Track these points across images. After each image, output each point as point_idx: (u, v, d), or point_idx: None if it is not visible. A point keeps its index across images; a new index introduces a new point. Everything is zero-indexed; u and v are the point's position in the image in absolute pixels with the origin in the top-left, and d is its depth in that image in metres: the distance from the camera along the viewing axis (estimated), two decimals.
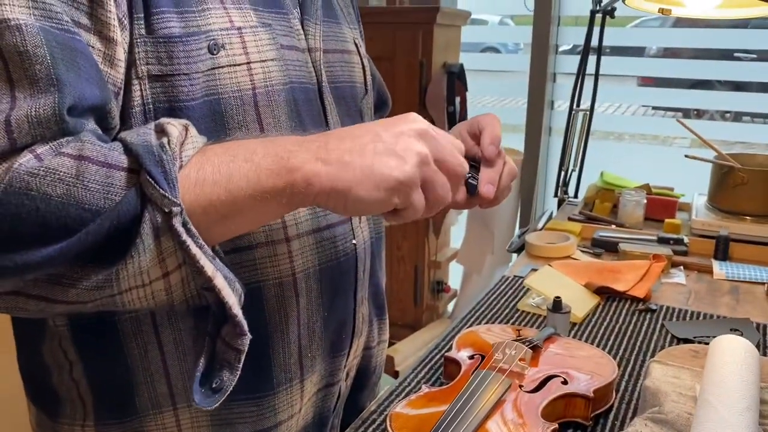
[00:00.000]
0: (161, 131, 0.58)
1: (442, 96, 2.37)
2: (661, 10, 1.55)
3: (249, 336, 0.58)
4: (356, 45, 0.91)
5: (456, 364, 0.92)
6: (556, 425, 0.78)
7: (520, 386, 0.85)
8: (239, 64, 0.70)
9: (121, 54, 0.62)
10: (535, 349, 0.94)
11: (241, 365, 0.58)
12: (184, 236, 0.54)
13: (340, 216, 0.81)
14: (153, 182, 0.53)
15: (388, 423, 0.77)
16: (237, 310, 0.57)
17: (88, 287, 0.54)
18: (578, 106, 1.98)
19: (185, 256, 0.55)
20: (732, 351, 0.87)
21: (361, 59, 0.92)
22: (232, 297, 0.57)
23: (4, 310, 0.57)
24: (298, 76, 0.77)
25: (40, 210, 0.51)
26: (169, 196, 0.53)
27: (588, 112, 1.97)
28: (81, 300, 0.55)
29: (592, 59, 1.98)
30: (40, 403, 0.78)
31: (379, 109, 1.12)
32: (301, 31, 0.79)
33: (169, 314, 0.71)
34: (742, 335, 0.98)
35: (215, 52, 0.67)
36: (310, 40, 0.80)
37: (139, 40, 0.63)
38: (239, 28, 0.70)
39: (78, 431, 0.75)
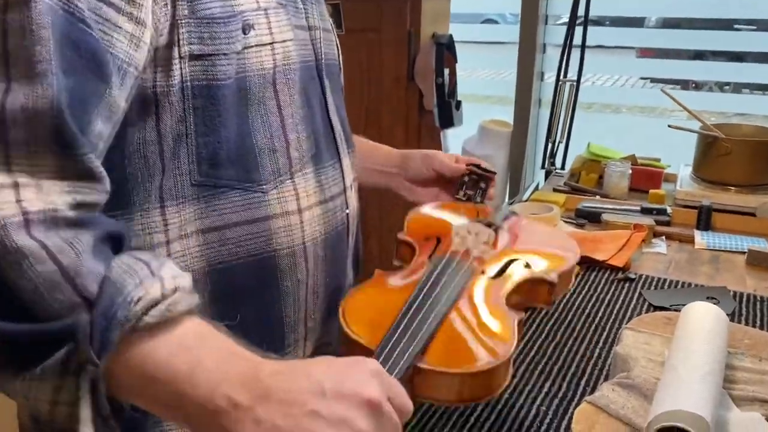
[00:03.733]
0: (144, 290, 0.52)
1: (430, 68, 2.34)
2: None
3: None
4: (331, 23, 0.94)
5: (410, 246, 0.85)
6: (524, 314, 0.73)
7: (482, 272, 0.78)
8: (265, 44, 0.73)
9: (148, 37, 0.63)
10: (495, 230, 0.88)
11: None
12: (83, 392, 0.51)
13: (339, 188, 0.86)
14: (89, 339, 0.50)
15: (340, 316, 0.70)
16: None
17: None
18: (565, 76, 1.96)
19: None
20: (701, 318, 0.87)
21: (335, 36, 0.94)
22: None
23: None
24: (304, 55, 0.80)
25: None
26: (95, 360, 0.50)
27: (575, 83, 1.96)
28: None
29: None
30: None
31: None
32: (303, 10, 0.82)
33: None
34: (718, 303, 0.98)
35: (247, 32, 0.71)
36: (310, 19, 0.83)
37: (182, 21, 0.65)
38: (265, 9, 0.73)
39: None
